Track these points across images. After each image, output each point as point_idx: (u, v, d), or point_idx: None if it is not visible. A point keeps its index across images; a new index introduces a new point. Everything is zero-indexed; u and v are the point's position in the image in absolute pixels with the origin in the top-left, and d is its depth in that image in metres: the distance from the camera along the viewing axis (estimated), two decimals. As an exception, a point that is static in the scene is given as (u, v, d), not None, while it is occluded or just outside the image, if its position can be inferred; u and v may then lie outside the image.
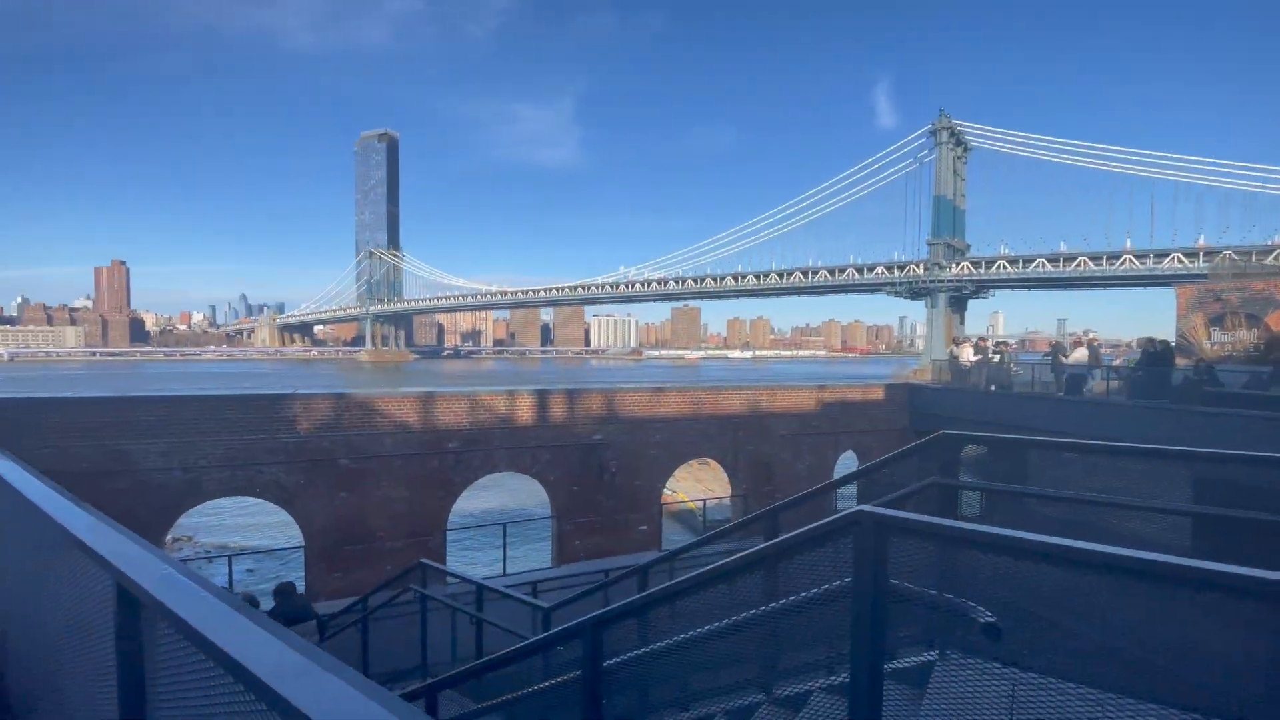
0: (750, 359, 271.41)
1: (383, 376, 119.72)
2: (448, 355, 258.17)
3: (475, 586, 6.78)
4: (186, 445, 11.80)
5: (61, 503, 1.93)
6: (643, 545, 15.08)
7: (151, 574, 1.42)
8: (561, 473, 14.51)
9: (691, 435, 15.86)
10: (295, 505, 12.56)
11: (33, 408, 11.07)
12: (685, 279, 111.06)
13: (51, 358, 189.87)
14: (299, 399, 12.73)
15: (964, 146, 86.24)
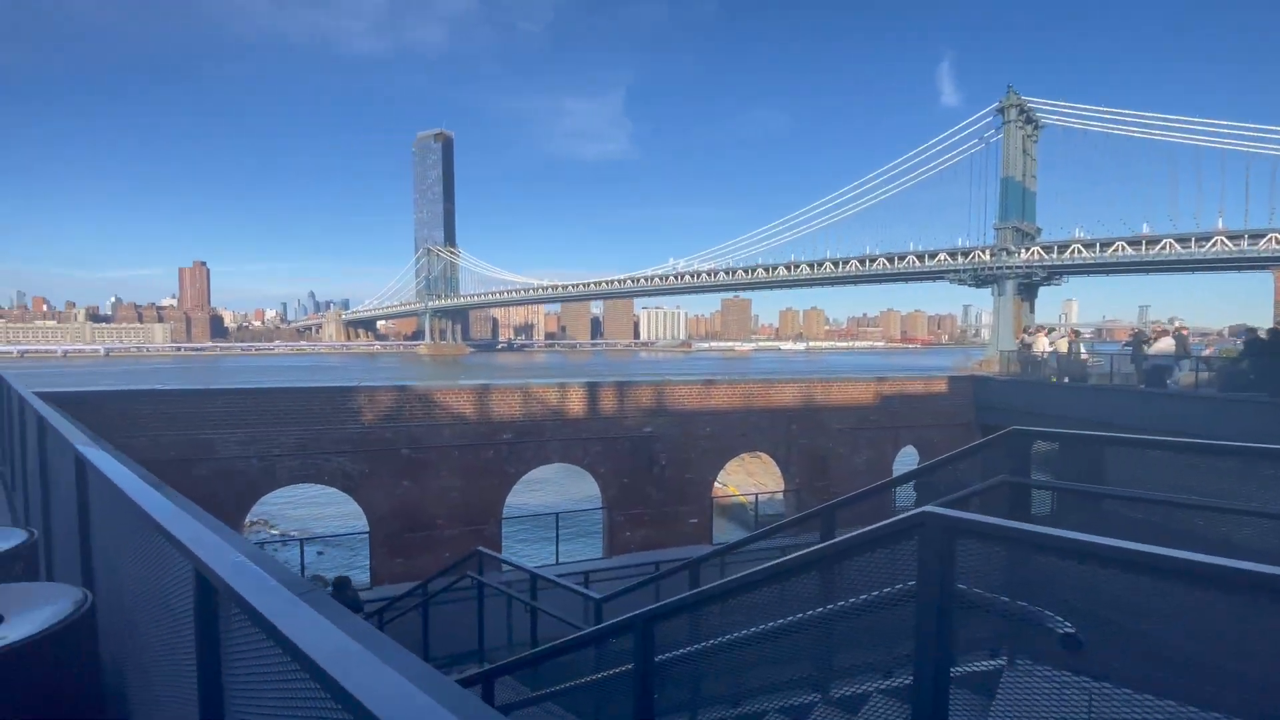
0: (804, 351, 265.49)
1: (441, 369, 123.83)
2: (501, 348, 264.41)
3: (529, 575, 6.90)
4: (262, 435, 12.50)
5: (148, 491, 2.05)
6: (693, 538, 15.05)
7: (225, 562, 1.48)
8: (612, 465, 14.62)
9: (743, 428, 15.68)
10: (360, 493, 13.14)
11: (127, 400, 11.96)
12: (735, 269, 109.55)
13: (142, 353, 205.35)
14: (363, 391, 13.28)
15: (1034, 124, 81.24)
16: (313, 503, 23.91)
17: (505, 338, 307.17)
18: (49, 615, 2.22)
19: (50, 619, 2.20)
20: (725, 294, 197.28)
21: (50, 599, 2.36)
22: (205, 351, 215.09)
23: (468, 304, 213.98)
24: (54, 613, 2.25)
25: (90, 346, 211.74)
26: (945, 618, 2.02)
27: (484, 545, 13.50)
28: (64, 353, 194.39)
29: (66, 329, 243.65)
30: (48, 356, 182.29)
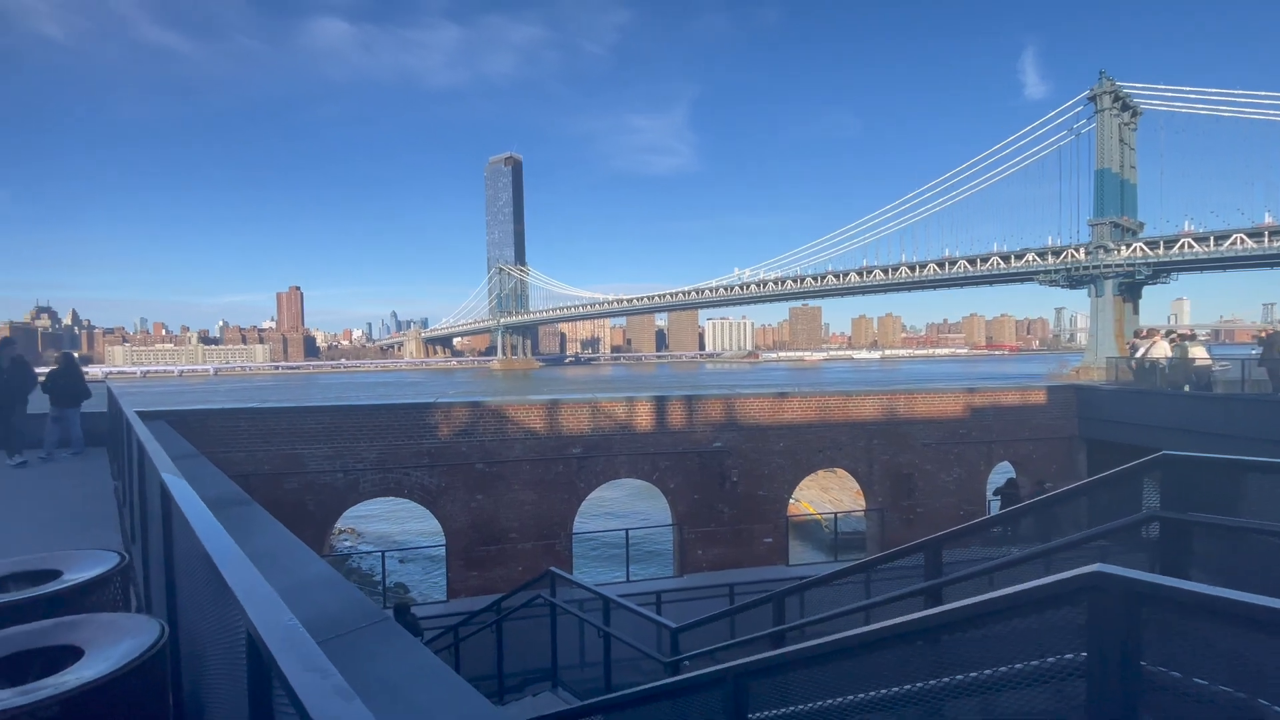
0: (879, 359, 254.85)
1: (512, 384, 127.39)
2: (569, 362, 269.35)
3: (603, 599, 6.68)
4: (346, 450, 13.02)
5: (216, 531, 1.94)
6: (767, 559, 14.43)
7: (278, 626, 1.32)
8: (681, 480, 14.27)
9: (819, 443, 14.94)
10: (438, 506, 13.42)
11: (228, 417, 12.77)
12: (804, 277, 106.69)
13: (245, 371, 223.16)
14: (439, 407, 13.61)
15: (1131, 111, 74.78)
16: (394, 516, 24.83)
17: (573, 352, 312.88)
18: (126, 651, 2.17)
19: (127, 655, 2.14)
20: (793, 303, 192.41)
21: (131, 631, 2.32)
22: (300, 370, 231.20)
23: (536, 320, 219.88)
24: (132, 647, 2.20)
25: (201, 366, 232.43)
26: (1127, 701, 1.61)
27: (555, 560, 13.52)
28: (180, 372, 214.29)
29: (182, 351, 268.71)
30: (166, 376, 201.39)
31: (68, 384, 10.25)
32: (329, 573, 4.18)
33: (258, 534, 5.22)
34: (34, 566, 2.89)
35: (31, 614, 2.42)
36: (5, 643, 2.09)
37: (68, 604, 2.59)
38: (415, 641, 3.29)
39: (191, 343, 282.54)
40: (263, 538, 5.08)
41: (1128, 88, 74.22)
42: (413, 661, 3.15)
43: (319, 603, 3.68)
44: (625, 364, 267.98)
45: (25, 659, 2.05)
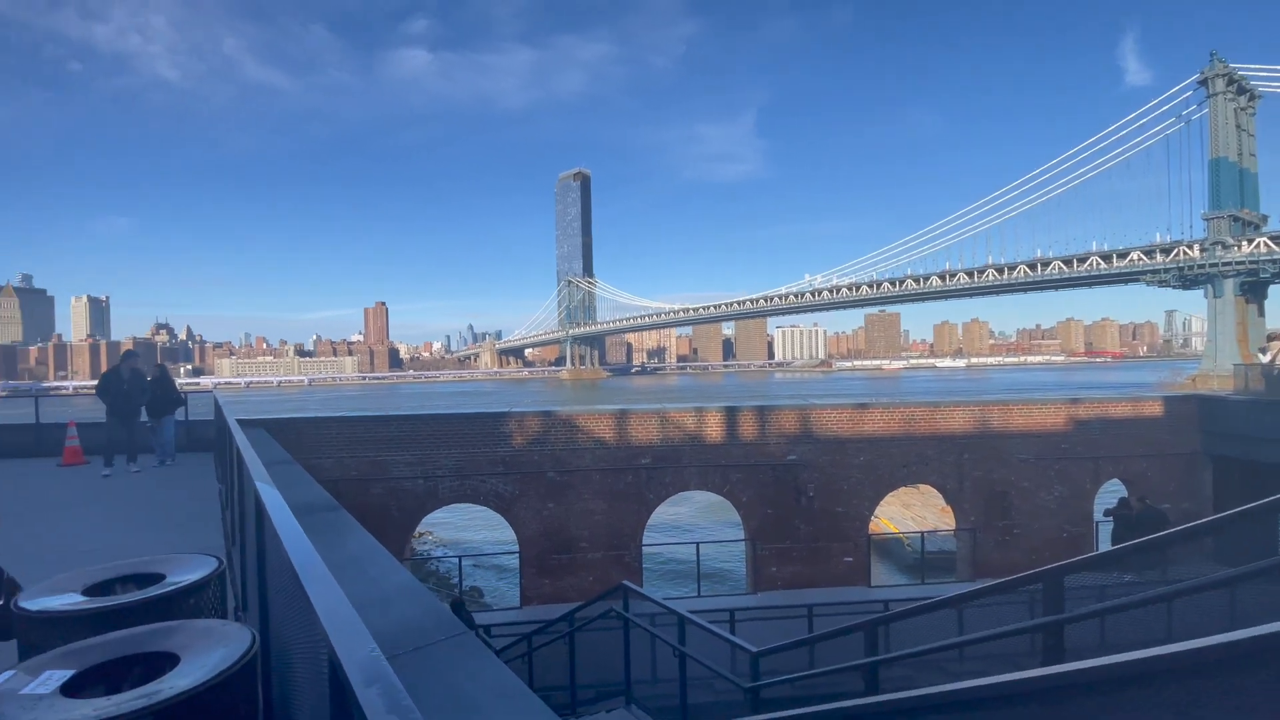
0: (964, 368, 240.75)
1: (580, 393, 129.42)
2: (635, 372, 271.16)
3: (677, 617, 6.46)
4: (426, 457, 13.47)
5: (303, 542, 1.90)
6: (847, 578, 13.71)
7: (359, 656, 1.21)
8: (754, 494, 13.83)
9: (903, 457, 14.10)
10: (511, 513, 13.62)
11: (319, 425, 13.51)
12: (880, 282, 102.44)
13: (336, 382, 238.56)
14: (513, 416, 13.86)
15: (1249, 94, 67.39)
16: (471, 524, 25.56)
17: (639, 361, 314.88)
18: (219, 660, 2.18)
19: (219, 664, 2.15)
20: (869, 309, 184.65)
21: (224, 639, 2.34)
22: (385, 380, 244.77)
23: (603, 330, 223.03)
24: (224, 656, 2.21)
25: (297, 377, 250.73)
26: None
27: (625, 571, 13.39)
28: (278, 383, 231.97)
29: (280, 363, 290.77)
30: (266, 386, 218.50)
31: (163, 394, 10.69)
32: (411, 582, 4.20)
33: (345, 541, 5.37)
34: (140, 569, 3.02)
35: (135, 617, 2.50)
36: (106, 647, 2.14)
37: (168, 608, 2.67)
38: (493, 657, 3.20)
39: (289, 355, 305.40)
40: (349, 544, 5.22)
41: (1242, 69, 67.03)
42: (491, 679, 3.07)
43: (401, 613, 3.68)
44: (691, 373, 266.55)
45: (125, 664, 2.09)
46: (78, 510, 7.20)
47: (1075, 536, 14.32)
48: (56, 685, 1.87)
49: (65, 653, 2.09)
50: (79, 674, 1.96)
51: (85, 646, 2.13)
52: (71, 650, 2.11)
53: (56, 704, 1.77)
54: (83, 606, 2.55)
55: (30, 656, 2.20)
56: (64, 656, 2.05)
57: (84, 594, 2.72)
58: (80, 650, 2.11)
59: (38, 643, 2.39)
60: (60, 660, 2.02)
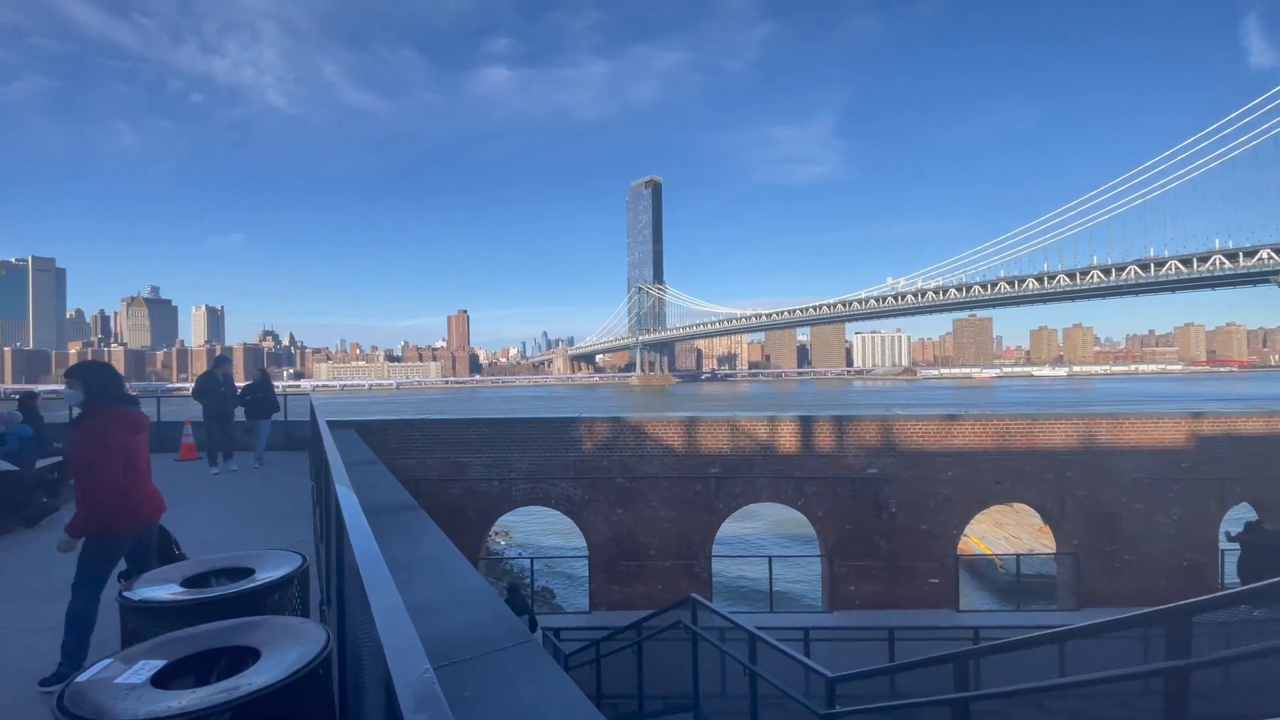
0: (1065, 377, 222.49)
1: (649, 400, 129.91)
2: (705, 379, 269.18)
3: (748, 634, 6.24)
4: (501, 460, 13.83)
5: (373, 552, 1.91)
6: (933, 601, 12.87)
7: (411, 677, 1.18)
8: (831, 508, 13.25)
9: (997, 473, 13.09)
10: (581, 518, 13.74)
11: (403, 427, 14.17)
12: (970, 285, 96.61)
13: (420, 386, 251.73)
14: (583, 422, 14.00)
15: None
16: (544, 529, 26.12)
17: (709, 368, 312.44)
18: (296, 658, 2.24)
19: (295, 663, 2.21)
20: (958, 313, 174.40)
21: (302, 637, 2.42)
22: (465, 384, 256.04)
23: (673, 337, 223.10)
24: (301, 655, 2.27)
25: (386, 381, 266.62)
26: None
27: (694, 581, 13.19)
28: (369, 386, 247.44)
29: (371, 368, 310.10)
30: (358, 389, 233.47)
31: (264, 397, 11.12)
32: (482, 587, 4.26)
33: (422, 541, 5.55)
34: (233, 563, 3.20)
35: (224, 609, 2.64)
36: (195, 640, 2.25)
37: (254, 602, 2.81)
38: (558, 669, 3.16)
39: (379, 360, 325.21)
40: (426, 545, 5.38)
41: None
42: (555, 692, 3.02)
43: (470, 617, 3.72)
44: (764, 380, 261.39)
45: (211, 657, 2.19)
46: (188, 504, 7.84)
47: (1197, 565, 12.81)
48: (148, 675, 1.97)
49: (159, 643, 2.21)
50: (170, 665, 2.08)
51: (177, 638, 2.25)
52: (164, 641, 2.23)
53: (146, 694, 1.87)
54: (178, 598, 2.72)
55: (131, 644, 2.36)
56: (157, 647, 2.17)
57: (182, 585, 2.90)
58: (172, 642, 2.23)
59: (139, 630, 2.56)
60: (154, 651, 2.14)
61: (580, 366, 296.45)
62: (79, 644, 3.64)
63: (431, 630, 3.50)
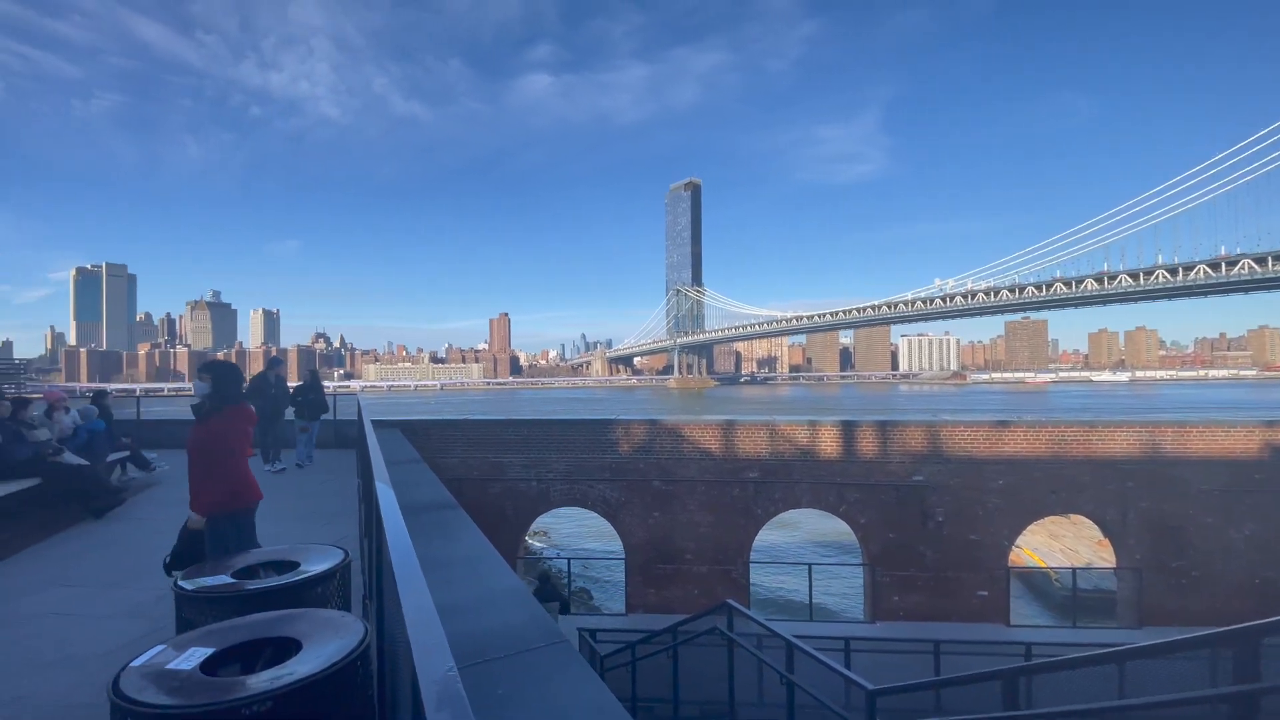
0: (1127, 382, 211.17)
1: (686, 402, 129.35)
2: (745, 382, 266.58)
3: (786, 643, 6.12)
4: (539, 461, 13.99)
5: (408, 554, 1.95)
6: (981, 614, 12.38)
7: (436, 675, 1.19)
8: (874, 516, 12.91)
9: (1051, 483, 12.52)
10: (618, 520, 13.77)
11: (446, 427, 14.49)
12: (1024, 285, 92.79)
13: (463, 387, 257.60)
14: (619, 424, 14.04)
15: None
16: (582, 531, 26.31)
17: (748, 371, 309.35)
18: (335, 650, 2.30)
19: (335, 655, 2.27)
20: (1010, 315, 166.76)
21: (342, 630, 2.49)
22: (506, 385, 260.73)
23: (711, 339, 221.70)
24: (340, 648, 2.33)
25: (430, 382, 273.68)
26: None
27: (731, 587, 13.04)
28: (414, 386, 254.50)
29: (416, 369, 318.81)
30: (404, 390, 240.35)
31: (314, 398, 11.28)
32: (518, 586, 4.30)
33: (460, 539, 5.64)
34: (280, 557, 3.32)
35: (270, 601, 2.75)
36: (242, 629, 2.33)
37: (298, 595, 2.91)
38: (590, 671, 3.16)
39: (424, 362, 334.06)
40: (464, 543, 5.47)
41: None
42: (587, 694, 3.02)
43: (504, 616, 3.76)
44: (805, 384, 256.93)
45: (257, 647, 2.27)
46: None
47: (1270, 584, 11.95)
48: (198, 662, 2.06)
49: (209, 631, 2.31)
50: (218, 652, 2.16)
51: (226, 627, 2.35)
52: (214, 630, 2.33)
53: (195, 681, 1.94)
54: (228, 589, 2.84)
55: (185, 631, 2.48)
56: (207, 635, 2.27)
57: (233, 576, 3.03)
58: (222, 630, 2.33)
59: (192, 618, 2.69)
60: (204, 638, 2.24)
61: (618, 369, 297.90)
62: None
63: (467, 628, 3.55)
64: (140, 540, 6.60)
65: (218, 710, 1.80)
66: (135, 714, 1.81)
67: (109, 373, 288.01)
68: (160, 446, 12.84)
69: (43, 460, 7.37)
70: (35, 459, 7.31)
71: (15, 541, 6.42)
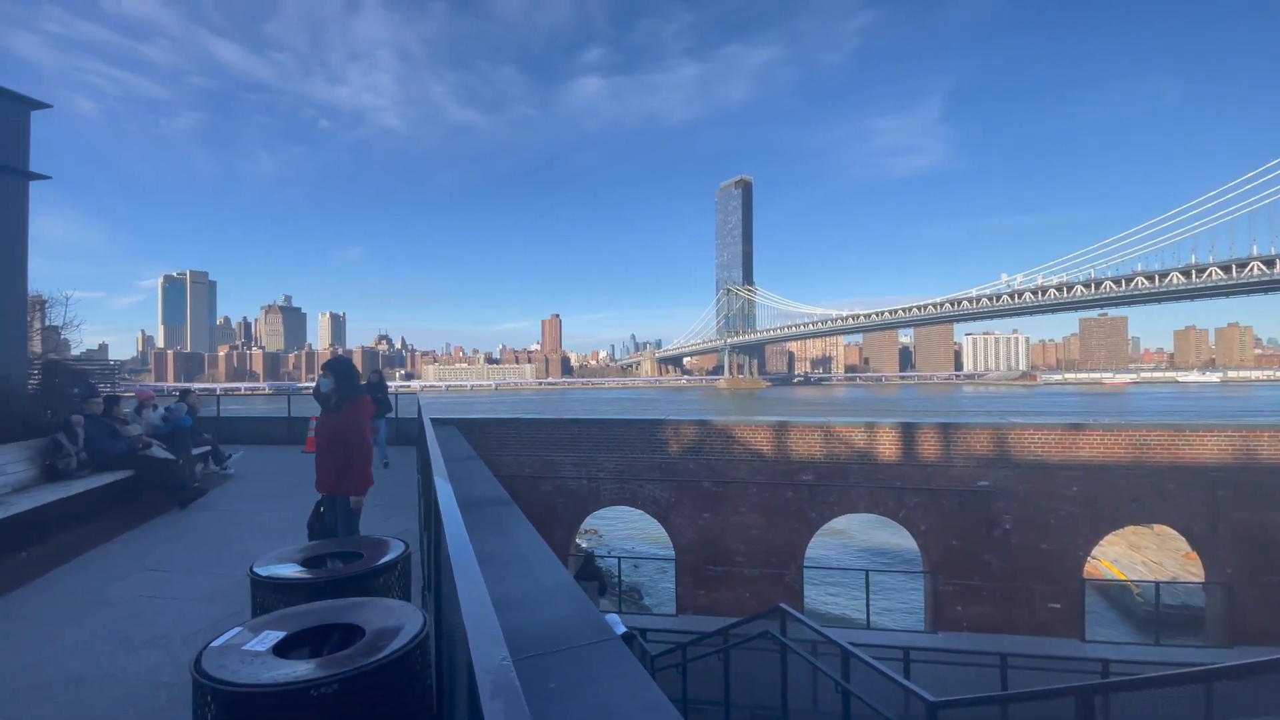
0: (1219, 383, 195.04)
1: (737, 403, 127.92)
2: (798, 382, 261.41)
3: (841, 650, 5.96)
4: (590, 460, 14.14)
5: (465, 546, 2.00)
6: (1053, 628, 11.70)
7: (491, 664, 1.21)
8: (935, 522, 12.41)
9: (1132, 490, 11.70)
10: (668, 520, 13.76)
11: (500, 425, 14.84)
12: (1101, 280, 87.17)
13: (516, 386, 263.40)
14: (669, 424, 14.02)
15: None
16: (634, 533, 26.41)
17: (802, 371, 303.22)
18: (396, 639, 2.39)
19: (397, 643, 2.36)
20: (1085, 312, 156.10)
21: (402, 619, 2.58)
22: (557, 386, 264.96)
23: (763, 339, 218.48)
24: (401, 636, 2.42)
25: (485, 382, 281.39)
26: None
27: (784, 592, 12.80)
28: (470, 386, 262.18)
29: (472, 369, 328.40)
30: (461, 390, 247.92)
31: (380, 397, 11.57)
32: (568, 582, 4.35)
33: (513, 534, 5.76)
34: (346, 548, 3.48)
35: (336, 589, 2.88)
36: (311, 615, 2.45)
37: (361, 584, 3.03)
38: (641, 669, 3.16)
39: (479, 362, 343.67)
40: (516, 538, 5.58)
41: None
42: (638, 692, 3.02)
43: (555, 611, 3.81)
44: (862, 384, 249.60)
45: (324, 632, 2.38)
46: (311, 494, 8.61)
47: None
48: (270, 645, 2.18)
49: (281, 616, 2.44)
50: (289, 636, 2.28)
51: (296, 612, 2.48)
52: (286, 615, 2.46)
53: (269, 662, 2.07)
54: (298, 576, 2.99)
55: (259, 614, 2.63)
56: (280, 619, 2.40)
57: (302, 565, 3.20)
58: (293, 615, 2.46)
59: (265, 602, 2.85)
60: (277, 622, 2.36)
61: (667, 369, 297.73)
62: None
63: (519, 621, 3.62)
64: (219, 529, 7.06)
65: (289, 690, 1.90)
66: (216, 691, 1.94)
67: (192, 373, 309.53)
68: (236, 442, 13.71)
69: (135, 454, 7.97)
70: (128, 453, 7.92)
71: (112, 528, 6.97)
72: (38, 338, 11.65)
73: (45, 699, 3.28)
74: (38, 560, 5.76)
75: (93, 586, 5.14)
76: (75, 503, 6.76)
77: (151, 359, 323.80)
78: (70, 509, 6.70)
